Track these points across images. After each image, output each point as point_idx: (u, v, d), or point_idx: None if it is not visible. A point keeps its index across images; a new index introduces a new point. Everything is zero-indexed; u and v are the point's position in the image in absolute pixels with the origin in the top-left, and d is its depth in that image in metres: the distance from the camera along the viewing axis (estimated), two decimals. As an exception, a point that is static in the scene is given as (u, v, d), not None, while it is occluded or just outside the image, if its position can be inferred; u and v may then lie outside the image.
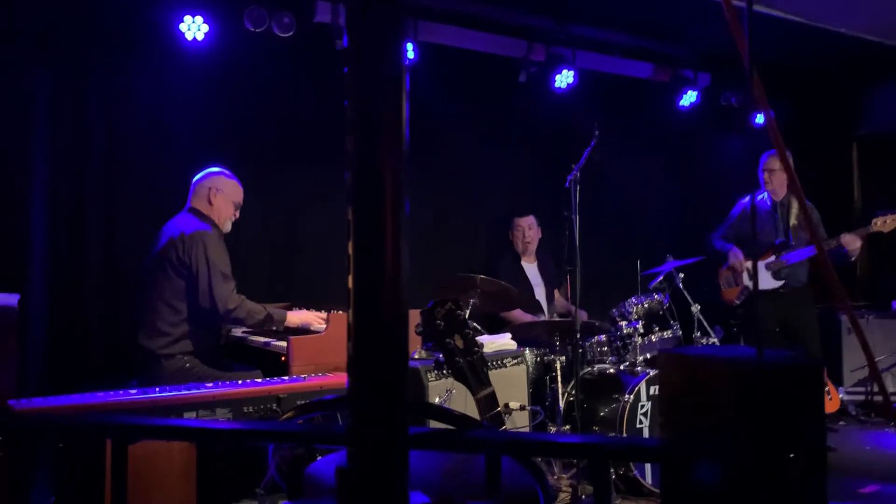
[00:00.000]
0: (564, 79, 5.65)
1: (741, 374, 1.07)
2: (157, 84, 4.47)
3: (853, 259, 4.97)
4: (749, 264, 5.19)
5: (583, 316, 4.50)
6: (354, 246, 0.83)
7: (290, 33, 4.60)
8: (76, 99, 4.27)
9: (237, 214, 3.97)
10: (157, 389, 2.98)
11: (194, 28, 4.35)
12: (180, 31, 4.33)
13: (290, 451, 1.35)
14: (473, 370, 1.75)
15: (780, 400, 1.09)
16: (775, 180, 5.14)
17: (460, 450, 1.29)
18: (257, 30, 4.51)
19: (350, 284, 0.84)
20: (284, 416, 1.37)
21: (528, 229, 5.40)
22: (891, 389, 5.93)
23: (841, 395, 5.89)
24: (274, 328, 3.87)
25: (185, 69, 4.52)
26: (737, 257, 5.21)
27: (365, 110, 0.85)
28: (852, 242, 4.84)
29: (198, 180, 3.91)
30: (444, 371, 1.86)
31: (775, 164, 5.06)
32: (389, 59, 0.84)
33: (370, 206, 0.83)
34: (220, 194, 3.86)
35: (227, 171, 3.94)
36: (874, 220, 4.92)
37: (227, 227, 3.93)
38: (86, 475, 2.63)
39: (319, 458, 1.59)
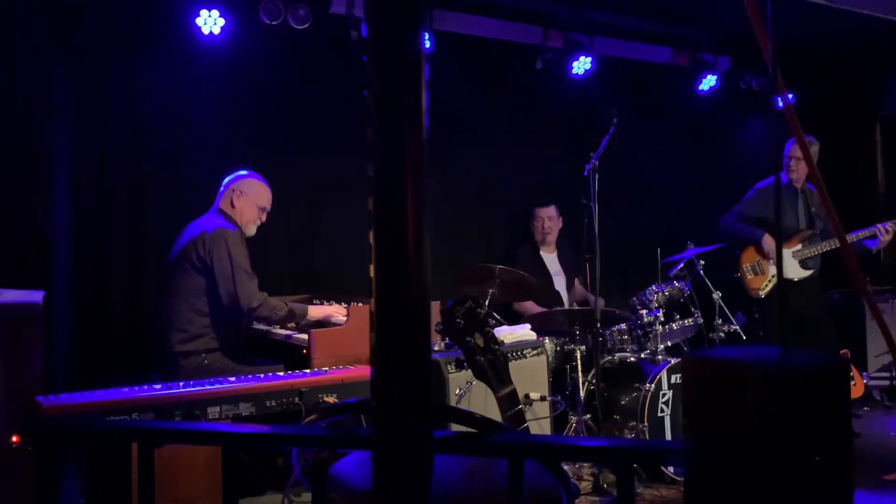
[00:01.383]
0: (582, 65, 5.60)
1: (766, 377, 1.06)
2: (175, 79, 4.49)
3: (879, 248, 4.89)
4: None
5: (601, 304, 4.49)
6: (376, 237, 0.83)
7: (306, 25, 4.60)
8: (97, 95, 4.30)
9: (263, 218, 4.00)
10: (181, 384, 3.01)
11: (210, 22, 4.36)
12: (196, 26, 4.34)
13: (314, 452, 1.36)
14: (494, 369, 1.75)
15: (806, 402, 1.08)
16: (801, 168, 5.05)
17: (483, 454, 1.30)
18: (273, 22, 4.51)
19: (372, 275, 0.83)
20: (307, 420, 1.38)
21: (549, 220, 5.36)
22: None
23: (865, 381, 5.83)
24: (296, 323, 3.90)
25: (203, 63, 4.53)
26: (770, 244, 5.03)
27: (385, 101, 0.84)
28: (882, 234, 4.77)
29: (228, 182, 3.95)
30: (464, 363, 1.86)
31: (798, 151, 4.96)
32: (409, 49, 0.83)
33: (392, 200, 0.82)
34: (242, 197, 3.90)
35: (256, 174, 3.99)
36: None
37: (251, 231, 3.95)
38: (113, 474, 2.67)
39: (343, 457, 1.60)
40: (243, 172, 3.98)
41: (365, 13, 0.86)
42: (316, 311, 3.88)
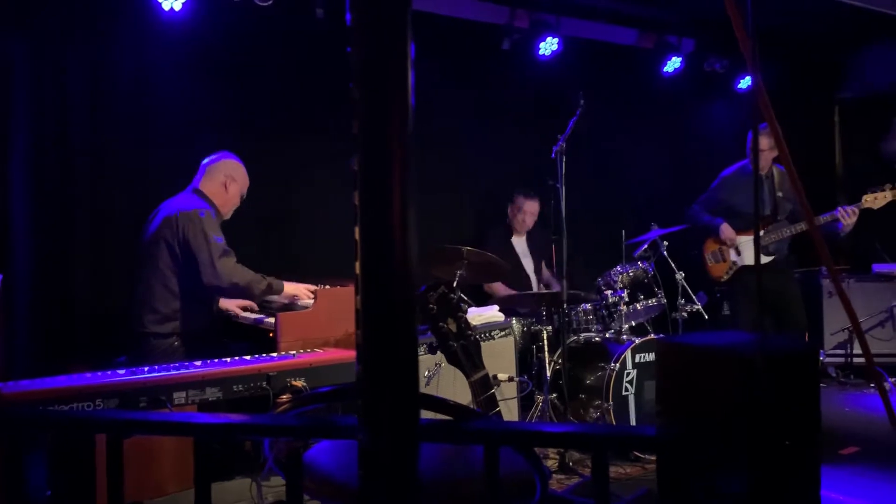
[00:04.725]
0: (549, 46, 5.59)
1: (742, 364, 1.07)
2: (136, 57, 4.38)
3: (844, 234, 4.99)
4: (740, 239, 5.19)
5: (555, 286, 4.55)
6: (362, 233, 0.81)
7: (270, 2, 4.51)
8: (56, 74, 4.16)
9: (239, 203, 3.98)
10: (146, 369, 2.96)
11: (171, -2, 4.25)
12: (157, 2, 4.23)
13: (286, 442, 1.35)
14: (467, 353, 1.75)
15: (779, 389, 1.10)
16: (762, 158, 5.12)
17: (459, 442, 1.30)
18: (235, -1, 4.42)
19: (358, 271, 0.82)
20: (281, 409, 1.37)
21: (531, 215, 5.32)
22: (872, 351, 6.02)
23: (822, 358, 5.99)
24: (272, 303, 3.88)
25: (164, 41, 4.42)
26: (728, 232, 5.16)
27: (371, 93, 0.82)
28: (847, 217, 4.85)
29: (210, 163, 3.88)
30: (433, 346, 1.86)
31: (763, 143, 4.97)
32: (396, 40, 0.82)
33: (378, 192, 0.81)
34: (234, 184, 3.89)
35: (237, 157, 3.94)
36: (864, 197, 4.95)
37: (229, 215, 3.94)
38: (77, 461, 2.62)
39: (314, 444, 1.59)
40: (230, 158, 3.92)
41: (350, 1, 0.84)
42: (290, 287, 3.85)
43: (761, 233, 5.13)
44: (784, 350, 1.10)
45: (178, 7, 4.27)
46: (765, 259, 5.15)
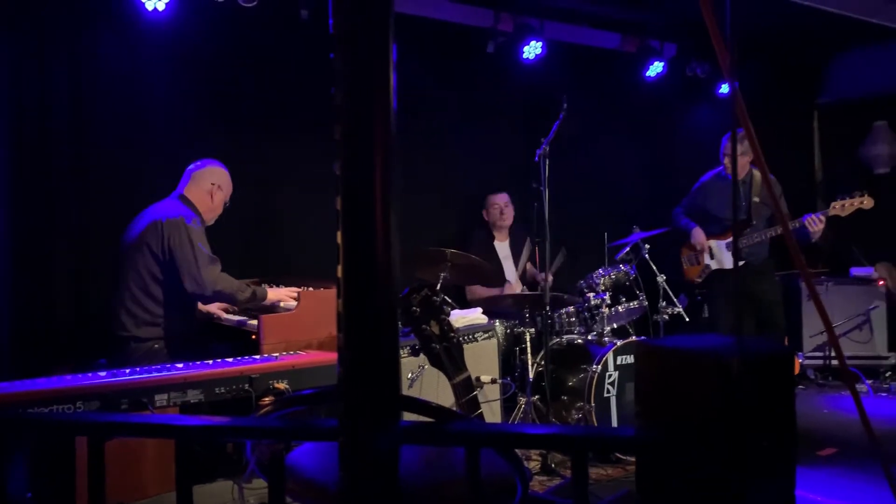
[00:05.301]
0: (533, 49, 5.62)
1: (721, 367, 1.09)
2: (119, 56, 4.34)
3: (814, 240, 5.05)
4: (711, 243, 5.26)
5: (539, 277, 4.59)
6: (344, 238, 0.82)
7: (254, 3, 4.49)
8: (37, 75, 4.11)
9: (222, 210, 4.00)
10: (127, 371, 2.94)
11: (155, -2, 4.22)
12: (140, 2, 4.20)
13: (269, 444, 1.35)
14: (450, 356, 1.76)
15: (758, 391, 1.12)
16: (740, 162, 5.17)
17: (441, 443, 1.31)
18: (220, 0, 4.39)
19: (340, 275, 0.83)
20: (263, 411, 1.37)
21: (505, 206, 5.40)
22: (848, 354, 6.11)
23: (801, 361, 6.06)
24: (253, 306, 3.87)
25: (148, 41, 4.39)
26: (698, 237, 5.25)
27: (353, 100, 0.83)
28: (814, 224, 4.91)
29: (195, 169, 3.88)
30: (416, 348, 1.87)
31: (740, 148, 5.02)
32: (378, 47, 0.83)
33: (360, 197, 0.81)
34: (220, 192, 3.91)
35: (221, 164, 3.95)
36: (833, 204, 5.02)
37: (211, 222, 3.95)
38: (56, 468, 2.61)
39: (296, 447, 1.60)
40: (216, 165, 3.93)
41: (333, 9, 0.85)
42: (272, 293, 3.85)
43: (731, 239, 5.19)
44: (760, 353, 1.12)
45: (161, 7, 4.25)
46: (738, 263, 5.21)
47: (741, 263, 5.18)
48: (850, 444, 4.44)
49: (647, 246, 5.04)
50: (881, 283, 6.23)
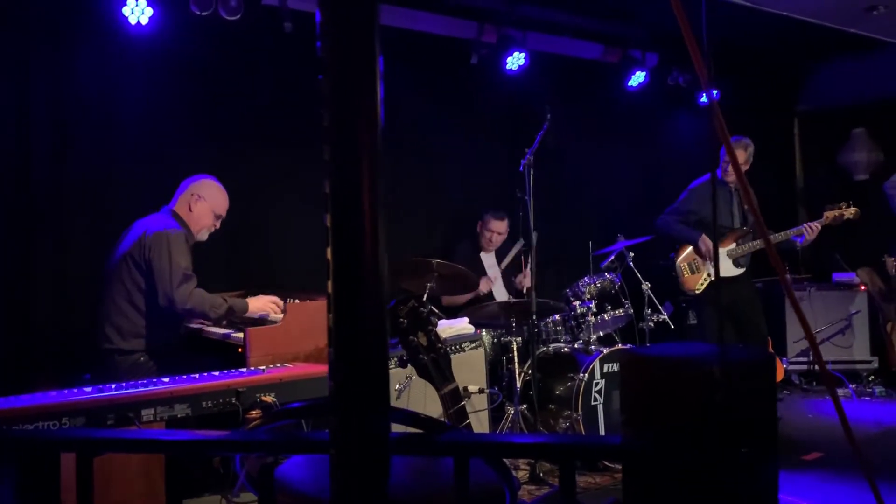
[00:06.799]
0: (516, 60, 5.66)
1: (704, 375, 1.11)
2: (102, 70, 4.33)
3: (801, 247, 5.11)
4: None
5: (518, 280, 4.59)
6: (334, 254, 0.83)
7: (238, 17, 4.50)
8: (19, 89, 4.10)
9: (217, 225, 3.96)
10: (113, 386, 2.93)
11: (138, 12, 4.21)
12: (123, 16, 4.20)
13: (258, 457, 1.36)
14: (437, 367, 1.77)
15: (740, 399, 1.14)
16: (735, 170, 5.18)
17: (430, 454, 1.32)
18: (203, 13, 4.40)
19: (330, 290, 0.84)
20: (252, 425, 1.38)
21: (499, 234, 5.30)
22: (832, 358, 6.17)
23: (785, 366, 6.11)
24: (237, 318, 3.85)
25: (131, 56, 4.39)
26: (707, 243, 5.13)
27: (342, 126, 0.85)
28: (810, 232, 4.97)
29: (186, 184, 3.88)
30: (404, 359, 1.88)
31: (738, 156, 5.01)
32: (365, 71, 0.85)
33: (349, 215, 0.83)
34: (200, 202, 3.85)
35: (216, 180, 3.92)
36: (826, 214, 5.08)
37: (203, 237, 3.92)
38: (40, 478, 2.58)
39: (285, 460, 1.60)
40: (207, 177, 3.92)
41: (320, 30, 0.86)
42: (255, 303, 3.82)
43: (733, 245, 5.19)
44: (741, 361, 1.15)
45: (144, 21, 4.24)
46: (738, 271, 5.21)
47: (741, 271, 5.20)
48: (835, 449, 4.48)
49: (632, 254, 5.07)
50: (863, 288, 6.29)
